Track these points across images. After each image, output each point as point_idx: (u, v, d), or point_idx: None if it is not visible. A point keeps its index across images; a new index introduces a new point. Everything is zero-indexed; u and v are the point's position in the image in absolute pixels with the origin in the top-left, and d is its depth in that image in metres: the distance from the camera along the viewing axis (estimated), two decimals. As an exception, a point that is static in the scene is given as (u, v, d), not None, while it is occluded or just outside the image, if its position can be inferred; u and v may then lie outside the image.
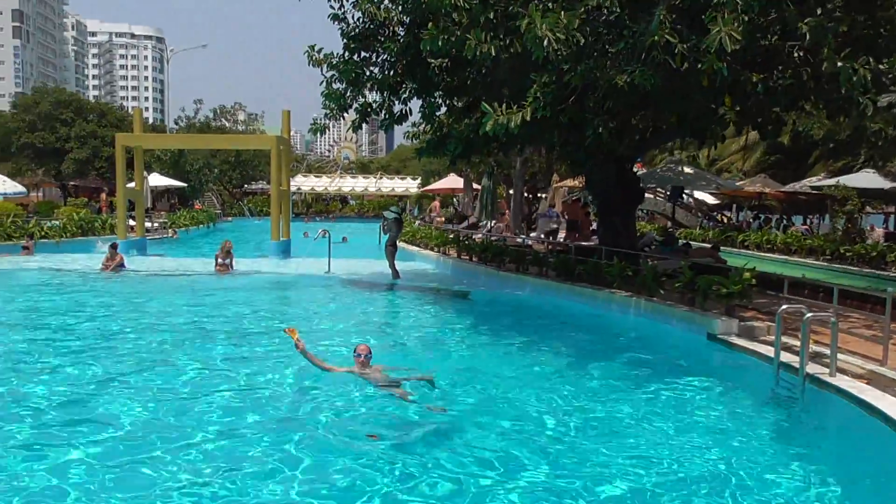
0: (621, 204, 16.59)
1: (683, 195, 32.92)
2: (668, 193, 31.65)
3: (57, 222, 29.12)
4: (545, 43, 8.68)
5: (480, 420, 7.48)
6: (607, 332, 12.35)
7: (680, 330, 11.54)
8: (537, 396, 8.43)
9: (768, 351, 9.33)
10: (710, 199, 39.49)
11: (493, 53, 10.11)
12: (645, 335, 11.85)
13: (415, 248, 25.24)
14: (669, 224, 32.81)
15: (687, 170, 24.80)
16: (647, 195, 29.43)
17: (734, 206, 44.53)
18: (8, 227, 25.62)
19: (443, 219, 31.48)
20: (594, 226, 22.08)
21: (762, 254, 25.36)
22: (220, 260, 20.26)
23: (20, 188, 43.36)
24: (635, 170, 19.41)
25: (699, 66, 9.25)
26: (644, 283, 13.24)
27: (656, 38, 8.75)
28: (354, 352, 8.67)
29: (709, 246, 20.72)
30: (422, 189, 54.88)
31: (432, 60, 12.91)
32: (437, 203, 35.67)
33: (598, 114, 11.87)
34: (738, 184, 34.52)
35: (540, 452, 6.61)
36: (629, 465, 6.38)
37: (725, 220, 38.85)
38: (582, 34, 9.22)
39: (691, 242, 24.10)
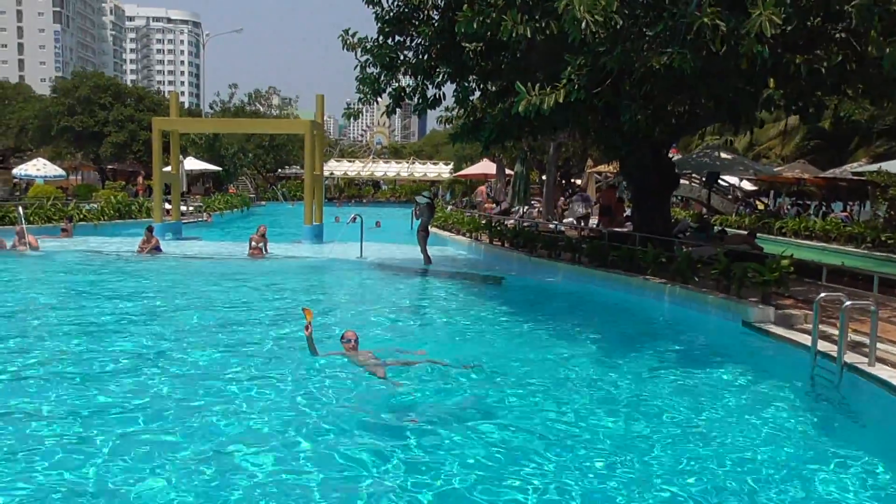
0: (656, 190, 16.40)
1: (720, 181, 32.41)
2: (704, 179, 31.19)
3: (95, 205, 29.65)
4: (583, 25, 8.55)
5: (510, 406, 7.48)
6: (641, 319, 12.25)
7: (715, 317, 11.39)
8: (570, 383, 8.41)
9: (805, 339, 9.16)
10: (747, 185, 38.85)
11: (529, 35, 10.00)
12: (679, 322, 11.73)
13: (447, 234, 25.25)
14: (704, 210, 32.36)
15: (724, 155, 24.31)
16: (681, 181, 29.04)
17: (772, 192, 43.77)
18: (48, 209, 26.13)
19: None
20: (628, 212, 21.89)
21: (800, 241, 24.91)
22: (254, 243, 20.46)
23: (60, 171, 44.22)
24: (670, 155, 19.15)
25: (739, 48, 9.06)
26: (679, 270, 13.09)
27: (706, 20, 8.56)
28: (343, 338, 8.75)
29: (745, 233, 20.41)
30: (454, 174, 54.79)
31: (467, 44, 12.84)
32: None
33: (635, 98, 11.70)
34: (776, 169, 33.89)
35: (569, 438, 6.59)
36: (662, 454, 6.33)
37: (762, 207, 38.21)
38: (620, 16, 9.07)
39: (727, 229, 23.76)
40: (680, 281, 12.95)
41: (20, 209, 22.92)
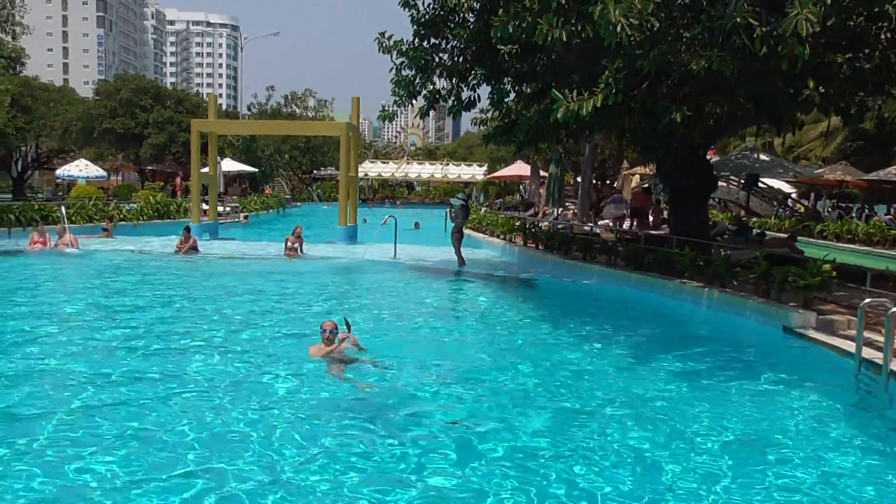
0: (694, 192, 16.19)
1: (759, 183, 31.90)
2: (743, 181, 30.74)
3: (135, 205, 30.19)
4: (618, 28, 8.48)
5: (543, 410, 7.43)
6: (678, 323, 12.09)
7: (754, 322, 11.19)
8: (606, 388, 8.31)
9: (849, 346, 8.96)
10: (787, 188, 38.19)
11: (564, 39, 9.94)
12: (717, 327, 11.55)
13: (481, 235, 25.22)
14: (743, 213, 31.88)
15: (763, 157, 24.02)
16: (719, 183, 28.63)
17: (812, 194, 42.96)
18: (89, 209, 26.68)
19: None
20: (664, 214, 21.64)
21: (842, 245, 24.39)
22: (289, 244, 20.65)
23: (101, 172, 45.16)
24: (708, 157, 18.90)
25: (779, 49, 8.90)
26: (716, 274, 12.90)
27: (738, 20, 8.44)
28: (321, 328, 8.90)
29: (785, 236, 20.05)
30: (488, 176, 54.73)
31: (502, 47, 12.80)
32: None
33: (673, 100, 11.57)
34: (817, 171, 33.28)
35: (610, 446, 6.51)
36: (701, 461, 6.22)
37: (803, 209, 37.53)
38: (656, 18, 8.97)
39: (766, 232, 23.36)
40: (718, 285, 12.76)
41: (63, 209, 23.44)
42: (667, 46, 9.86)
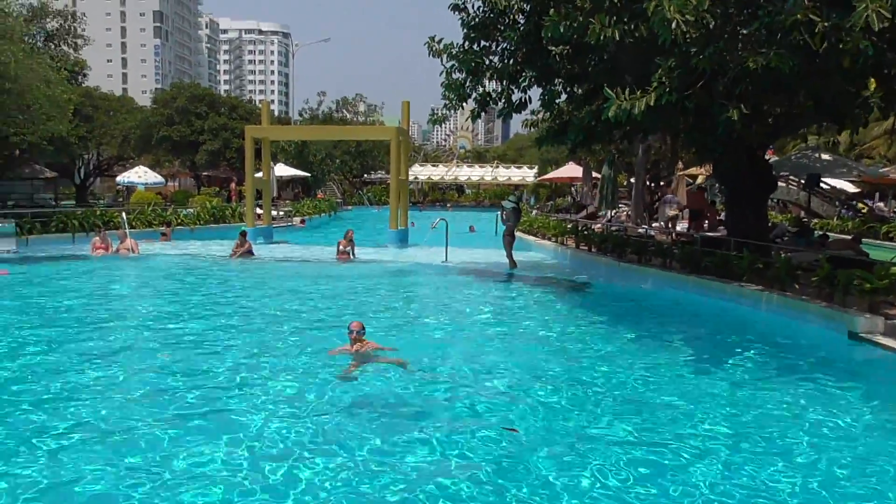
0: (752, 193, 15.77)
1: (820, 183, 30.97)
2: (803, 181, 29.90)
3: (191, 210, 30.86)
4: (673, 25, 8.30)
5: (600, 416, 7.30)
6: (737, 328, 11.76)
7: (817, 327, 10.85)
8: (664, 394, 8.10)
9: (919, 353, 8.62)
10: (850, 188, 36.99)
11: (617, 38, 9.79)
12: (778, 332, 11.20)
13: (532, 238, 25.05)
14: (804, 214, 31.00)
15: (824, 156, 23.27)
16: (779, 183, 27.90)
17: (877, 194, 41.52)
18: (148, 214, 27.37)
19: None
20: (720, 215, 21.18)
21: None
22: (341, 247, 20.82)
23: (159, 178, 46.26)
24: (767, 157, 18.41)
25: (840, 45, 8.60)
26: (777, 277, 12.55)
27: (798, 16, 8.17)
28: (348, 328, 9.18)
29: (849, 237, 19.41)
30: (539, 178, 54.40)
31: (553, 48, 12.67)
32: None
33: (729, 99, 11.28)
34: (881, 170, 32.15)
35: (668, 454, 6.35)
36: (765, 470, 6.01)
37: (865, 210, 36.31)
38: (712, 15, 8.76)
39: (828, 234, 22.68)
40: (778, 288, 12.42)
41: (123, 214, 24.07)
42: (723, 44, 9.62)
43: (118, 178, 47.12)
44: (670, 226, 23.10)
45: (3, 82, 21.92)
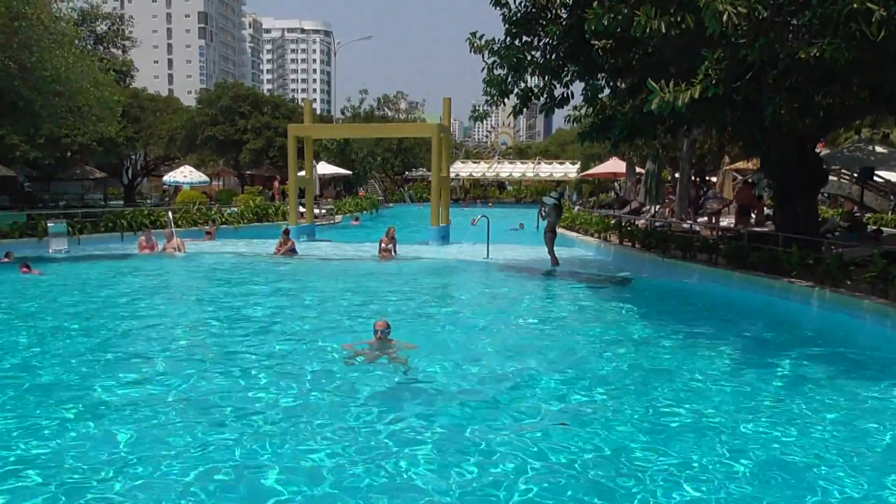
0: (802, 187, 15.39)
1: (874, 177, 30.09)
2: (856, 175, 29.08)
3: (235, 209, 31.27)
4: (724, 17, 8.11)
5: (643, 417, 7.17)
6: (787, 325, 11.49)
7: (871, 324, 10.53)
8: (712, 395, 7.92)
9: (981, 352, 8.29)
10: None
11: (663, 30, 9.60)
12: (830, 329, 10.93)
13: (574, 234, 24.83)
14: (856, 208, 30.17)
15: (878, 149, 22.57)
16: (830, 177, 27.20)
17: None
18: (194, 213, 27.82)
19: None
20: (767, 211, 20.72)
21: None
22: (383, 245, 20.88)
23: (204, 178, 47.05)
24: (817, 150, 17.96)
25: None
26: (828, 273, 12.22)
27: (855, 5, 7.91)
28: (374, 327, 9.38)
29: (903, 232, 18.84)
30: (581, 174, 53.91)
31: (596, 42, 12.50)
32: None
33: (779, 91, 11.01)
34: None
35: (718, 456, 6.20)
36: (824, 482, 5.78)
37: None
38: (763, 6, 8.53)
39: (882, 228, 22.03)
40: (829, 284, 12.10)
41: (170, 214, 24.50)
42: (773, 35, 9.38)
43: (164, 178, 48.03)
44: (713, 221, 22.76)
45: (54, 86, 22.46)
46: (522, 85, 14.91)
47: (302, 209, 29.15)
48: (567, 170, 63.87)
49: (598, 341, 10.70)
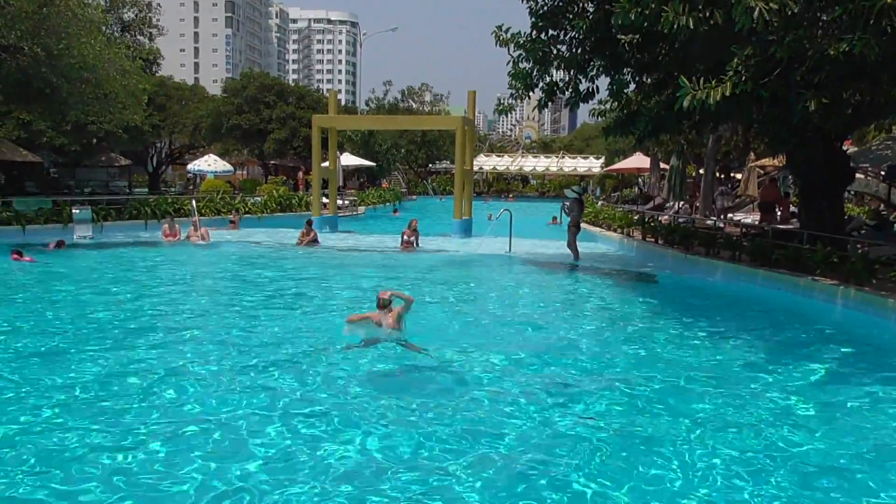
0: (828, 185, 15.24)
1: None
2: (883, 173, 28.66)
3: (259, 199, 31.50)
4: (755, 14, 8.05)
5: (663, 415, 7.18)
6: (811, 324, 11.39)
7: (896, 324, 10.43)
8: (734, 394, 7.84)
9: None
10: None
11: (692, 26, 9.54)
12: (856, 329, 10.83)
13: (597, 230, 24.77)
14: (883, 207, 29.75)
15: (907, 147, 22.20)
16: (857, 175, 26.85)
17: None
18: (218, 202, 28.08)
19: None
20: (792, 208, 20.54)
21: None
22: (405, 237, 20.97)
23: (228, 167, 47.33)
24: (845, 148, 17.75)
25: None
26: (853, 271, 12.12)
27: (889, 1, 7.82)
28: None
29: (932, 232, 18.56)
30: (605, 169, 53.67)
31: (622, 36, 12.44)
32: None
33: (807, 87, 10.90)
34: (968, 162, 30.54)
35: (737, 456, 6.20)
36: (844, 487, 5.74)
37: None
38: (794, 1, 8.46)
39: (909, 228, 21.71)
40: (854, 283, 12.00)
41: (193, 202, 24.75)
42: (803, 31, 9.29)
43: (189, 167, 48.39)
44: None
45: (82, 72, 22.74)
46: (548, 79, 14.84)
47: (325, 200, 29.28)
48: (591, 164, 63.67)
49: (621, 334, 10.67)
